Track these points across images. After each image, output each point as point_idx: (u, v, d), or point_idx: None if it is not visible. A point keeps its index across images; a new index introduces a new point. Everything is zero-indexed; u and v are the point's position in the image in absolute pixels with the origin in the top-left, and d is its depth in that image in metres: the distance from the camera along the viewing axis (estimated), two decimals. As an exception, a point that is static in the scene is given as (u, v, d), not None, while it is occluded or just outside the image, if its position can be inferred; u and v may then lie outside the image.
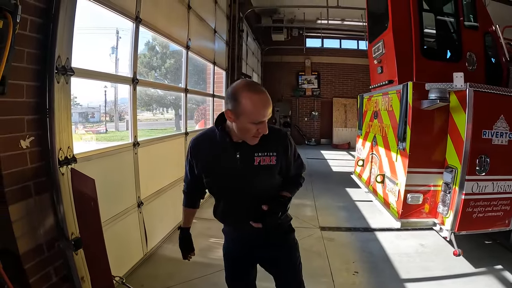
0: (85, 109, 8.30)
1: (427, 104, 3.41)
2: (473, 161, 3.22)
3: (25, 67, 2.00)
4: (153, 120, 11.30)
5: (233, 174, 1.66)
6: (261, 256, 1.87)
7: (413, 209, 3.63)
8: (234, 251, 1.89)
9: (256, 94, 1.48)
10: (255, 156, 1.63)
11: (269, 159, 1.65)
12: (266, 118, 1.51)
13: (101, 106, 8.71)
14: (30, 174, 2.06)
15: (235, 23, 7.88)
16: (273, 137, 1.66)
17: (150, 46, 8.24)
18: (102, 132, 8.08)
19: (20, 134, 1.99)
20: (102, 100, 8.28)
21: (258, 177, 1.66)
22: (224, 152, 1.65)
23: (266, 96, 1.50)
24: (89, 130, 7.47)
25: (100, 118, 8.89)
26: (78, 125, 7.13)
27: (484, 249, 4.00)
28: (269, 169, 1.66)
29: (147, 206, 3.64)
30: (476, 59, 4.17)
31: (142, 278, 3.20)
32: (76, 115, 7.46)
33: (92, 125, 8.35)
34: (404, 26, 4.08)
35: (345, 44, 15.53)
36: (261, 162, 1.64)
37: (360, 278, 3.36)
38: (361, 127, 5.76)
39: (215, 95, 6.95)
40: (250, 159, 1.63)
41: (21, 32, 1.90)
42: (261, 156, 1.64)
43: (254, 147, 1.61)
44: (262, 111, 1.48)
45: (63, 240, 2.24)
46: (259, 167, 1.64)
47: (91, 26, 3.52)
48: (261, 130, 1.53)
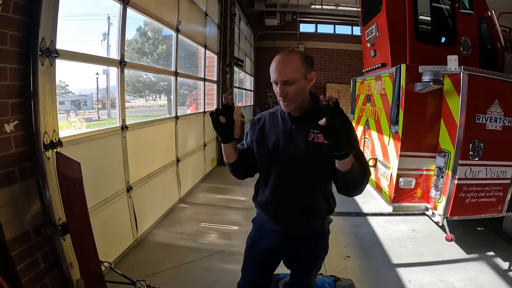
0: (77, 97, 8.17)
1: (420, 87, 3.36)
2: (467, 146, 3.20)
3: (8, 50, 1.93)
4: (146, 107, 11.19)
5: (285, 146, 1.60)
6: (288, 254, 1.78)
7: (405, 193, 3.62)
8: (264, 243, 1.77)
9: (278, 55, 1.52)
10: (310, 132, 1.56)
11: (323, 137, 1.49)
12: (278, 79, 1.49)
13: (93, 93, 8.58)
14: (14, 159, 2.01)
15: (227, 7, 7.71)
16: None
17: (141, 32, 8.08)
18: (94, 119, 8.00)
19: (4, 118, 1.93)
20: (94, 88, 8.15)
21: (309, 155, 1.55)
22: (283, 124, 1.64)
23: (284, 57, 1.50)
24: (81, 118, 7.37)
25: (93, 105, 8.77)
26: (70, 113, 7.04)
27: (476, 235, 4.04)
28: (321, 147, 1.53)
29: (137, 191, 3.60)
30: (471, 44, 4.14)
31: (132, 264, 3.18)
32: (68, 103, 7.36)
33: (84, 112, 8.24)
34: (397, 8, 4.02)
35: (339, 30, 15.27)
36: (315, 139, 1.55)
37: (352, 262, 3.38)
38: (354, 111, 5.72)
39: (207, 79, 6.88)
40: (305, 134, 1.56)
41: (4, 14, 1.83)
42: (316, 133, 1.54)
43: (312, 124, 1.51)
44: (274, 69, 1.50)
45: (50, 226, 2.21)
46: (312, 143, 1.55)
47: (81, 13, 3.42)
48: (279, 91, 1.51)
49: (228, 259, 3.35)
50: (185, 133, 5.44)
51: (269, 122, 1.71)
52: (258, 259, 1.82)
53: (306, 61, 1.51)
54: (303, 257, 1.75)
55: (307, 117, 1.57)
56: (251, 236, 1.87)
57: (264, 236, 1.78)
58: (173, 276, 3.03)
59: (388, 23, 4.11)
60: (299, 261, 1.78)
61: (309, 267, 1.79)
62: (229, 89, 7.96)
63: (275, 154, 1.63)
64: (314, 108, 1.59)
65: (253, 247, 1.84)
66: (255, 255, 1.83)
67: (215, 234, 3.95)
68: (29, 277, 2.05)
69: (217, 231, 4.01)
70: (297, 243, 1.72)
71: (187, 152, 5.55)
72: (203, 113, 6.62)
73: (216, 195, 5.57)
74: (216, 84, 7.51)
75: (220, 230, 4.03)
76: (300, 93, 1.52)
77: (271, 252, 1.77)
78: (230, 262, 3.26)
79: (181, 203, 5.04)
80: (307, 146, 1.55)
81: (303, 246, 1.72)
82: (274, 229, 1.73)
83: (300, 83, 1.50)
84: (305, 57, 1.52)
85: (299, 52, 1.54)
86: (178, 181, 5.02)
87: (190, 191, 5.59)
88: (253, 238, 1.85)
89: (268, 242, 1.76)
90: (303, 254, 1.74)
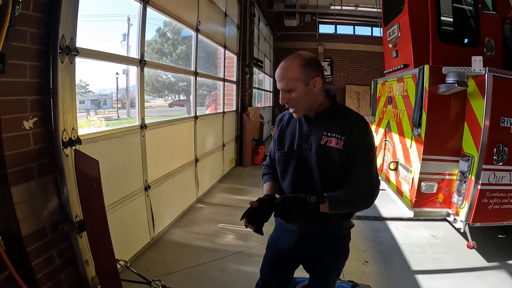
0: (97, 96, 8.40)
1: (444, 89, 3.26)
2: (491, 150, 3.07)
3: (28, 47, 1.95)
4: (165, 106, 11.40)
5: (299, 149, 1.59)
6: (304, 255, 1.76)
7: (427, 198, 3.52)
8: (282, 242, 1.77)
9: (281, 62, 1.52)
10: (323, 135, 1.53)
11: (335, 142, 1.50)
12: (279, 87, 1.51)
13: (113, 93, 8.79)
14: (33, 155, 2.03)
15: (246, 7, 7.71)
16: (349, 121, 1.53)
17: (161, 33, 8.20)
18: (114, 118, 8.18)
19: (23, 115, 1.96)
20: (114, 87, 8.37)
21: (321, 158, 1.53)
22: (299, 126, 1.63)
23: (284, 64, 1.50)
24: (101, 117, 7.54)
25: (112, 105, 8.99)
26: (90, 112, 7.23)
27: (498, 243, 3.89)
28: (331, 153, 1.50)
29: (155, 189, 3.62)
30: (494, 45, 4.03)
31: (148, 263, 3.19)
32: (88, 102, 7.58)
33: (104, 111, 8.44)
34: (420, 8, 3.95)
35: (358, 31, 15.09)
36: (327, 142, 1.52)
37: (370, 267, 3.29)
38: (375, 113, 5.61)
39: (226, 79, 6.88)
40: (319, 137, 1.54)
41: (24, 12, 1.84)
42: (329, 137, 1.52)
43: (326, 126, 1.53)
44: (276, 77, 1.52)
45: (67, 223, 2.23)
46: (324, 147, 1.52)
47: (102, 14, 3.48)
48: (280, 98, 1.53)
49: (245, 260, 3.31)
50: (204, 133, 5.46)
51: (288, 122, 1.71)
52: (275, 258, 1.82)
53: (307, 66, 1.47)
54: (320, 260, 1.72)
55: (322, 119, 1.57)
56: (271, 235, 1.87)
57: (282, 236, 1.77)
58: (189, 276, 3.02)
59: (411, 23, 4.04)
60: (315, 263, 1.75)
61: (326, 270, 1.75)
62: (248, 90, 7.94)
63: (289, 156, 1.63)
64: (330, 109, 1.58)
65: (271, 245, 1.84)
66: (272, 254, 1.84)
67: (232, 235, 3.93)
68: (44, 273, 2.07)
69: (234, 232, 3.98)
70: (313, 244, 1.69)
71: (206, 152, 5.56)
72: (222, 114, 6.63)
73: (234, 195, 5.55)
74: (235, 84, 7.52)
75: (237, 231, 3.98)
76: (303, 100, 1.50)
77: (287, 251, 1.75)
78: (246, 264, 3.22)
79: (199, 203, 5.04)
80: (319, 149, 1.53)
81: (320, 248, 1.69)
82: (291, 229, 1.71)
83: (300, 90, 1.47)
84: (307, 62, 1.48)
85: (302, 57, 1.50)
86: (196, 181, 5.03)
87: (208, 191, 5.60)
88: (273, 237, 1.85)
89: (285, 242, 1.75)
90: (320, 256, 1.70)
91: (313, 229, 1.66)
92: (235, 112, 7.49)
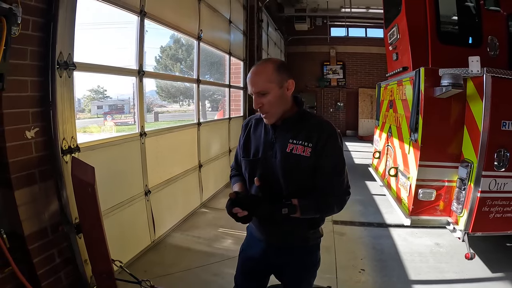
0: (115, 101, 8.68)
1: (440, 92, 3.13)
2: (491, 155, 2.91)
3: (28, 64, 2.15)
4: (181, 111, 11.60)
5: (264, 156, 1.56)
6: (273, 265, 1.73)
7: (425, 205, 3.39)
8: (251, 251, 1.75)
9: (252, 67, 1.52)
10: (289, 142, 1.50)
11: (302, 149, 1.47)
12: (252, 90, 1.48)
13: (130, 98, 9.05)
14: (35, 162, 2.22)
15: (253, 13, 7.82)
16: (315, 128, 1.50)
17: (175, 39, 8.40)
18: (130, 123, 8.41)
19: (25, 126, 2.16)
20: (131, 93, 8.63)
21: (287, 166, 1.49)
22: (265, 132, 1.61)
23: (256, 68, 1.50)
24: (118, 122, 7.82)
25: (130, 110, 9.26)
26: (107, 117, 7.51)
27: (503, 252, 3.68)
28: (298, 160, 1.47)
29: (155, 194, 3.74)
30: (498, 44, 3.84)
31: (146, 264, 3.31)
32: (106, 107, 7.87)
33: (121, 116, 8.72)
34: (418, 8, 3.84)
35: (370, 33, 14.95)
36: (293, 150, 1.49)
37: (366, 276, 3.22)
38: (379, 117, 5.48)
39: (232, 86, 6.96)
40: (284, 144, 1.51)
41: (24, 32, 2.04)
42: (295, 144, 1.49)
43: (291, 133, 1.51)
44: (248, 81, 1.49)
45: (67, 224, 2.41)
46: (290, 155, 1.48)
47: (100, 22, 3.63)
48: (254, 103, 1.49)
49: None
50: (209, 139, 5.52)
51: (254, 129, 1.68)
52: (246, 266, 1.80)
53: (280, 69, 1.47)
54: (288, 270, 1.70)
55: (288, 126, 1.54)
56: (243, 244, 1.87)
57: (252, 245, 1.76)
58: (182, 278, 3.10)
59: (409, 25, 3.94)
60: (284, 274, 1.74)
61: (295, 281, 1.72)
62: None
63: (254, 164, 1.60)
64: (296, 116, 1.55)
65: (242, 254, 1.83)
66: (243, 262, 1.82)
67: (231, 239, 3.98)
68: (45, 269, 2.26)
69: (233, 237, 4.03)
70: (280, 254, 1.67)
71: (211, 157, 5.63)
72: (228, 119, 6.72)
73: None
74: (242, 90, 7.59)
75: (237, 236, 4.03)
76: (277, 103, 1.48)
77: (256, 261, 1.73)
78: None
79: (203, 207, 5.13)
80: (284, 157, 1.50)
81: (287, 259, 1.67)
82: (260, 239, 1.71)
83: (274, 92, 1.45)
84: (280, 65, 1.48)
85: (274, 60, 1.51)
86: (200, 186, 5.12)
87: (213, 196, 5.67)
88: (244, 245, 1.85)
89: (254, 251, 1.74)
90: (288, 267, 1.69)
91: (279, 242, 1.66)
92: (242, 118, 7.54)
